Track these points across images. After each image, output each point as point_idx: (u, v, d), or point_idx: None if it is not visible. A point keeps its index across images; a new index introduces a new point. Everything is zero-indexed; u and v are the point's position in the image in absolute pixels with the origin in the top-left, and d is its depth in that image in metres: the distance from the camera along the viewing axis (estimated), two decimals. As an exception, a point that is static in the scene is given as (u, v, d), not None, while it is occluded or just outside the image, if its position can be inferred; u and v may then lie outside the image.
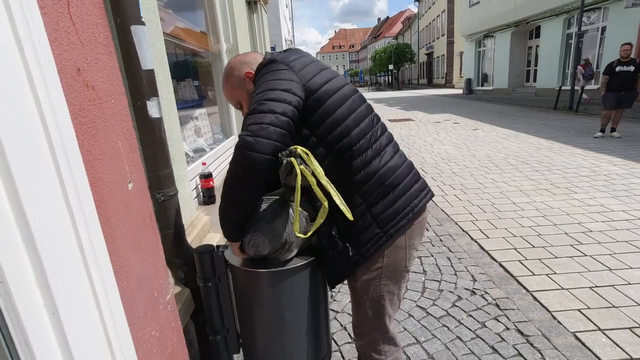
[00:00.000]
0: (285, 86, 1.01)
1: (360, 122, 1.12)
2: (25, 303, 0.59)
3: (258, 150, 0.94)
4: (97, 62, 0.81)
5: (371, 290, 1.18)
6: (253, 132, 0.95)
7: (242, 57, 1.26)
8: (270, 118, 0.96)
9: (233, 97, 1.26)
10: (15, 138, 0.57)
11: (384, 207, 1.11)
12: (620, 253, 2.76)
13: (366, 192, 1.11)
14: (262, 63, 1.13)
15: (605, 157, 5.51)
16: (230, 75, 1.23)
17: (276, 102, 0.98)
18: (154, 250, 1.02)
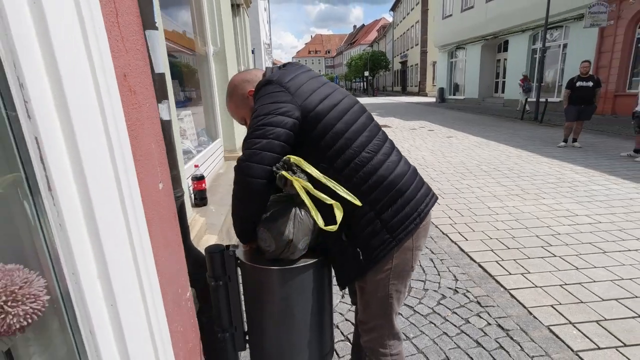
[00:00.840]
0: (280, 110, 1.06)
1: (360, 134, 1.15)
2: (90, 294, 0.63)
3: (253, 175, 1.05)
4: (137, 68, 0.86)
5: (380, 290, 1.24)
6: (248, 157, 1.05)
7: (244, 75, 1.30)
8: (263, 144, 1.04)
9: (237, 114, 1.32)
10: (85, 142, 0.61)
11: (394, 213, 1.16)
12: (585, 254, 3.00)
13: (374, 200, 1.15)
14: (260, 84, 1.17)
15: (569, 166, 5.92)
16: (234, 93, 1.28)
17: (270, 127, 1.04)
18: (177, 248, 1.06)
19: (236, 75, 1.32)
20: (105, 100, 0.65)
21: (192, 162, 2.80)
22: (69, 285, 0.60)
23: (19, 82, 0.50)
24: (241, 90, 1.26)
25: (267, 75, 1.18)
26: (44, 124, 0.53)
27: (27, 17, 0.50)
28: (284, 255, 1.23)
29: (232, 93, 1.30)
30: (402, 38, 40.94)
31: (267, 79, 1.15)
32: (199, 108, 4.09)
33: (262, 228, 1.23)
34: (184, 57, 3.62)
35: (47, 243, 0.59)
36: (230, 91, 1.30)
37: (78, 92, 0.59)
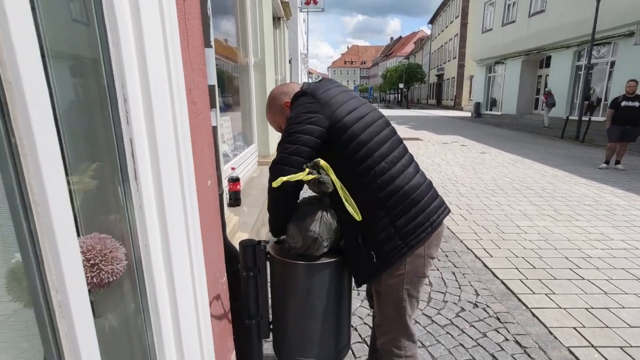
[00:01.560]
0: (310, 119, 1.19)
1: (382, 145, 1.26)
2: (156, 263, 0.79)
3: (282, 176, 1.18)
4: (198, 84, 1.03)
5: (394, 293, 1.33)
6: (279, 160, 1.18)
7: (282, 87, 1.43)
8: (293, 149, 1.17)
9: (275, 122, 1.45)
10: (161, 143, 0.78)
11: (407, 221, 1.25)
12: (616, 279, 2.92)
13: (390, 207, 1.24)
14: (296, 95, 1.30)
15: (608, 188, 5.68)
16: (273, 104, 1.41)
17: (300, 135, 1.18)
18: (218, 238, 1.22)
19: (275, 87, 1.46)
20: (177, 111, 0.82)
21: (229, 165, 3.02)
22: (142, 255, 0.77)
23: (124, 97, 0.68)
24: (279, 101, 1.40)
25: (303, 88, 1.31)
26: (137, 129, 0.71)
27: (132, 51, 0.68)
28: (309, 252, 1.37)
29: (271, 104, 1.43)
30: (439, 51, 40.51)
31: (303, 91, 1.28)
32: (237, 114, 4.36)
33: (291, 225, 1.38)
34: (224, 65, 3.89)
35: (130, 220, 0.76)
36: (270, 102, 1.44)
37: (160, 105, 0.76)
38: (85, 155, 0.69)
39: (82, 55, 0.68)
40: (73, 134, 0.61)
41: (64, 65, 0.63)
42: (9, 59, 0.42)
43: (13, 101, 0.44)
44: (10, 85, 0.43)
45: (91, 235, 0.71)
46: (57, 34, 0.59)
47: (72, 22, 0.69)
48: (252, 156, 4.26)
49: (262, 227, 3.21)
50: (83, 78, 0.70)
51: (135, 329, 0.82)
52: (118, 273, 0.73)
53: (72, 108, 0.65)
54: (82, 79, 0.70)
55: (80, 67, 0.69)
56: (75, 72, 0.68)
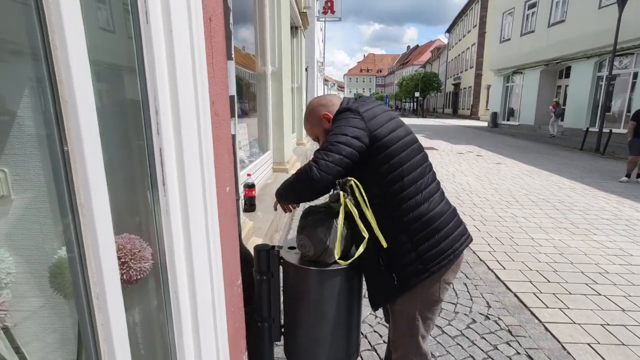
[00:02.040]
0: (354, 134, 1.24)
1: (414, 170, 1.30)
2: (179, 265, 0.85)
3: (318, 180, 1.22)
4: (220, 96, 1.10)
5: (409, 313, 1.36)
6: (319, 165, 1.22)
7: (320, 99, 1.49)
8: (334, 157, 1.21)
9: (312, 132, 1.52)
10: (187, 152, 0.84)
11: (429, 247, 1.28)
12: (635, 296, 2.85)
13: (413, 232, 1.28)
14: (340, 109, 1.36)
15: (629, 202, 5.54)
16: (312, 115, 1.48)
17: (343, 146, 1.22)
18: (234, 241, 1.28)
19: (314, 99, 1.52)
20: (201, 122, 0.89)
21: (245, 171, 3.10)
22: (166, 256, 0.83)
23: (156, 110, 0.74)
24: (317, 112, 1.45)
25: (346, 104, 1.38)
26: (166, 139, 0.77)
27: (164, 68, 0.75)
28: (321, 259, 1.41)
29: (309, 114, 1.49)
30: (456, 60, 40.29)
31: (347, 107, 1.34)
32: (253, 120, 4.46)
33: (303, 235, 1.43)
34: (242, 72, 4.00)
35: (157, 223, 0.82)
36: (309, 113, 1.50)
37: (187, 117, 0.83)
38: (120, 163, 0.75)
39: (121, 73, 0.75)
40: (111, 144, 0.68)
41: (105, 81, 0.70)
42: (67, 79, 0.49)
43: (68, 116, 0.50)
44: (67, 103, 0.49)
45: (122, 235, 0.77)
46: (100, 54, 0.66)
47: (112, 40, 0.76)
48: (267, 163, 4.34)
49: (276, 232, 3.26)
50: (120, 92, 0.77)
51: (158, 324, 0.88)
52: (145, 271, 0.79)
53: (111, 120, 0.72)
54: (120, 93, 0.77)
55: (119, 82, 0.76)
56: (114, 87, 0.75)
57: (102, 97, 0.65)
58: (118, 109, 0.78)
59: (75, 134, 0.52)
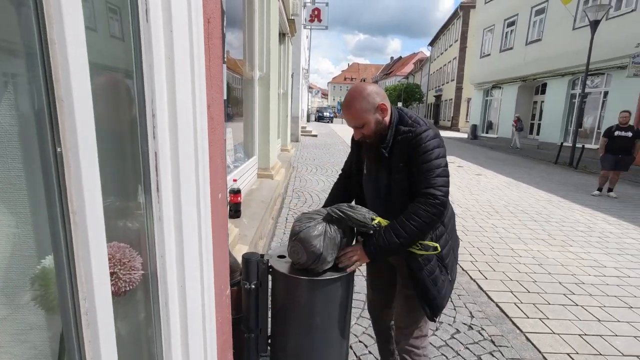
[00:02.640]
0: (446, 160, 1.41)
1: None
2: (170, 274, 0.81)
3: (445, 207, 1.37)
4: (216, 100, 1.07)
5: None
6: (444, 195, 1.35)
7: (375, 88, 1.42)
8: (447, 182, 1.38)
9: (359, 117, 1.39)
10: (182, 157, 0.81)
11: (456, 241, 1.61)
12: (609, 306, 2.95)
13: (451, 231, 1.54)
14: (427, 129, 1.39)
15: (601, 215, 5.76)
16: (364, 99, 1.38)
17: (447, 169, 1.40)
18: (225, 250, 1.24)
19: (366, 84, 1.44)
20: (198, 127, 0.85)
21: (230, 177, 3.04)
22: (157, 265, 0.79)
23: (152, 113, 0.71)
24: (372, 99, 1.38)
25: (430, 124, 1.44)
26: (162, 143, 0.74)
27: (163, 71, 0.72)
28: (313, 267, 1.39)
29: (361, 97, 1.38)
30: (438, 72, 41.29)
31: (433, 130, 1.41)
32: (238, 125, 4.40)
33: (295, 241, 1.40)
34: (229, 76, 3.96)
35: (148, 230, 0.78)
36: (360, 95, 1.39)
37: (183, 121, 0.79)
38: (112, 168, 0.71)
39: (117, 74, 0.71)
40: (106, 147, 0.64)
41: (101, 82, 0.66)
42: (63, 77, 0.46)
43: (63, 116, 0.47)
44: (62, 102, 0.46)
45: (111, 244, 0.72)
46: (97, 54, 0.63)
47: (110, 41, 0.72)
48: (252, 168, 4.29)
49: (260, 239, 3.21)
50: (116, 94, 0.73)
51: (146, 337, 0.83)
52: (134, 282, 0.75)
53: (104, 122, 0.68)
54: (116, 94, 0.73)
55: (115, 84, 0.72)
56: (110, 87, 0.71)
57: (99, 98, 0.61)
58: (111, 111, 0.74)
59: (71, 135, 0.48)
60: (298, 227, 1.40)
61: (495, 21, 20.08)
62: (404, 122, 1.42)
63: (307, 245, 1.35)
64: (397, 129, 1.42)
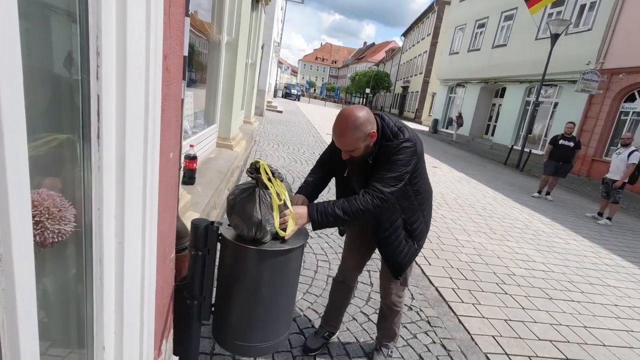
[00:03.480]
0: (409, 168, 1.55)
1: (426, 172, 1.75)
2: (107, 229, 0.76)
3: (388, 202, 1.55)
4: (174, 51, 0.99)
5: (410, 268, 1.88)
6: (387, 198, 1.53)
7: (366, 115, 1.51)
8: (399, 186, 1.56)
9: (352, 145, 1.51)
10: (130, 105, 0.74)
11: (429, 216, 1.83)
12: (533, 296, 3.24)
13: (425, 210, 1.78)
14: (405, 139, 1.54)
15: (537, 216, 6.26)
16: (357, 129, 1.48)
17: (405, 176, 1.56)
18: (172, 212, 1.18)
19: (359, 110, 1.51)
20: (151, 75, 0.79)
21: (188, 142, 2.91)
22: (93, 218, 0.73)
23: (97, 51, 0.64)
24: (365, 128, 1.49)
25: (411, 138, 1.56)
26: (107, 86, 0.67)
27: (112, 4, 0.64)
28: (258, 236, 1.37)
29: (357, 128, 1.48)
30: (407, 64, 41.91)
31: (413, 142, 1.55)
32: (200, 91, 4.19)
33: (234, 216, 1.38)
34: (197, 39, 3.73)
35: (85, 181, 0.71)
36: (356, 125, 1.48)
37: (134, 65, 0.72)
38: (46, 107, 0.64)
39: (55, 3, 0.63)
40: (35, 83, 0.57)
41: (34, 9, 0.58)
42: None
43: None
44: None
45: (39, 191, 0.66)
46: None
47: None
48: (211, 137, 4.13)
49: (214, 209, 3.13)
50: (52, 25, 0.65)
51: (75, 295, 0.78)
52: (64, 234, 0.69)
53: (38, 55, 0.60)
54: (51, 26, 0.65)
55: (51, 13, 0.64)
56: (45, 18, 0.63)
57: (30, 25, 0.54)
58: (50, 45, 0.65)
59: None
60: (233, 201, 1.38)
61: (467, 20, 20.60)
62: (385, 135, 1.57)
63: (245, 215, 1.34)
64: (381, 143, 1.57)
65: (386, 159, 1.54)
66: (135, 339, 0.92)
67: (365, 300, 2.69)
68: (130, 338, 0.89)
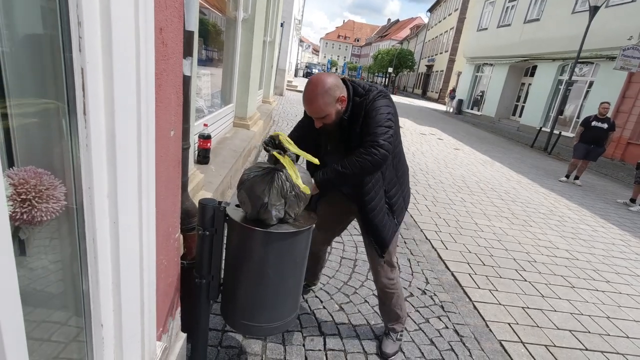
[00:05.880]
0: (392, 110, 1.58)
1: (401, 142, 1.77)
2: (99, 208, 0.74)
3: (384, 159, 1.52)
4: (171, 24, 0.95)
5: (392, 246, 1.85)
6: (386, 148, 1.50)
7: (334, 80, 1.53)
8: (392, 134, 1.54)
9: (323, 110, 1.52)
10: (119, 80, 0.71)
11: (407, 192, 1.85)
12: (554, 285, 3.13)
13: (402, 182, 1.79)
14: (379, 94, 1.56)
15: (564, 201, 6.01)
16: (328, 94, 1.50)
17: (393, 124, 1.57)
18: (175, 191, 1.17)
19: (326, 76, 1.52)
20: (142, 48, 0.75)
21: (202, 121, 2.90)
22: (84, 197, 0.72)
23: (78, 20, 0.60)
24: (334, 92, 1.51)
25: (381, 89, 1.60)
26: (91, 58, 0.63)
27: (94, -33, 0.60)
28: (261, 217, 1.35)
29: (326, 93, 1.50)
30: (433, 41, 40.35)
31: (385, 93, 1.59)
32: (218, 70, 4.16)
33: (242, 191, 1.37)
34: (213, 16, 3.67)
35: (74, 158, 0.69)
36: (325, 91, 1.49)
37: (122, 37, 0.69)
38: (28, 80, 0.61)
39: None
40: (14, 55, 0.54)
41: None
42: None
43: None
44: None
45: (26, 168, 0.64)
46: None
47: None
48: (228, 116, 4.12)
49: (229, 189, 3.15)
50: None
51: (70, 274, 0.77)
52: (54, 212, 0.67)
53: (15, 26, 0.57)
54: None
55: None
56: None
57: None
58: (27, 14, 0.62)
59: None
60: (246, 176, 1.36)
61: (498, -7, 19.47)
62: (357, 93, 1.58)
63: (252, 193, 1.32)
64: (353, 100, 1.58)
65: (366, 114, 1.53)
66: (136, 316, 0.92)
67: (378, 283, 2.67)
68: (130, 315, 0.89)
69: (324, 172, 1.58)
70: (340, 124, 1.60)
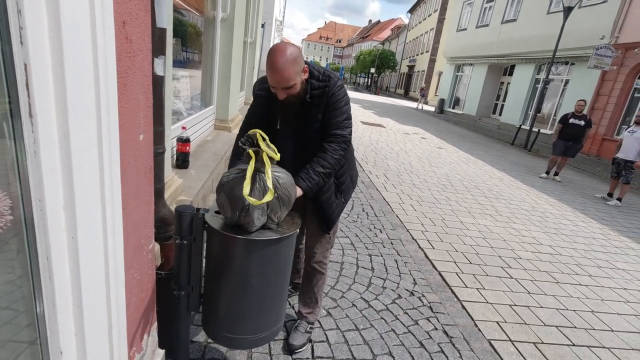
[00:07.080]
0: (349, 105, 1.68)
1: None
2: (53, 222, 0.66)
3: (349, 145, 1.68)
4: (136, 18, 0.87)
5: (335, 227, 1.91)
6: (349, 137, 1.66)
7: (298, 50, 1.51)
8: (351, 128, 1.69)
9: (293, 79, 1.48)
10: (73, 77, 0.63)
11: (355, 172, 1.95)
12: (539, 280, 3.15)
13: (350, 163, 1.86)
14: (337, 83, 1.61)
15: (545, 197, 6.12)
16: (297, 62, 1.47)
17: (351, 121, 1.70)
18: (148, 200, 1.08)
19: (291, 45, 1.50)
20: (100, 42, 0.67)
21: (181, 124, 2.79)
22: (33, 211, 0.63)
23: (17, 9, 0.52)
24: (300, 62, 1.50)
25: (339, 77, 1.63)
26: (36, 53, 0.55)
27: (35, -54, 0.52)
28: (241, 222, 1.28)
29: (294, 61, 1.46)
30: (414, 42, 40.81)
31: (342, 82, 1.64)
32: (198, 72, 4.04)
33: (222, 194, 1.29)
34: (191, 16, 3.56)
35: (19, 167, 0.61)
36: (293, 58, 1.46)
37: (74, 29, 0.61)
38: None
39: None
40: None
41: None
42: None
43: None
44: None
45: (-38, 180, 0.56)
46: None
47: None
48: (208, 118, 4.00)
49: (211, 193, 3.04)
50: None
51: (21, 296, 0.69)
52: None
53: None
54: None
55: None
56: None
57: None
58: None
59: None
60: (226, 178, 1.28)
61: (476, -5, 19.84)
62: (314, 76, 1.60)
63: (232, 196, 1.24)
64: (311, 82, 1.59)
65: (330, 102, 1.59)
66: (102, 339, 0.83)
67: (366, 286, 2.62)
68: (95, 339, 0.81)
69: (305, 178, 1.57)
70: (302, 103, 1.61)
